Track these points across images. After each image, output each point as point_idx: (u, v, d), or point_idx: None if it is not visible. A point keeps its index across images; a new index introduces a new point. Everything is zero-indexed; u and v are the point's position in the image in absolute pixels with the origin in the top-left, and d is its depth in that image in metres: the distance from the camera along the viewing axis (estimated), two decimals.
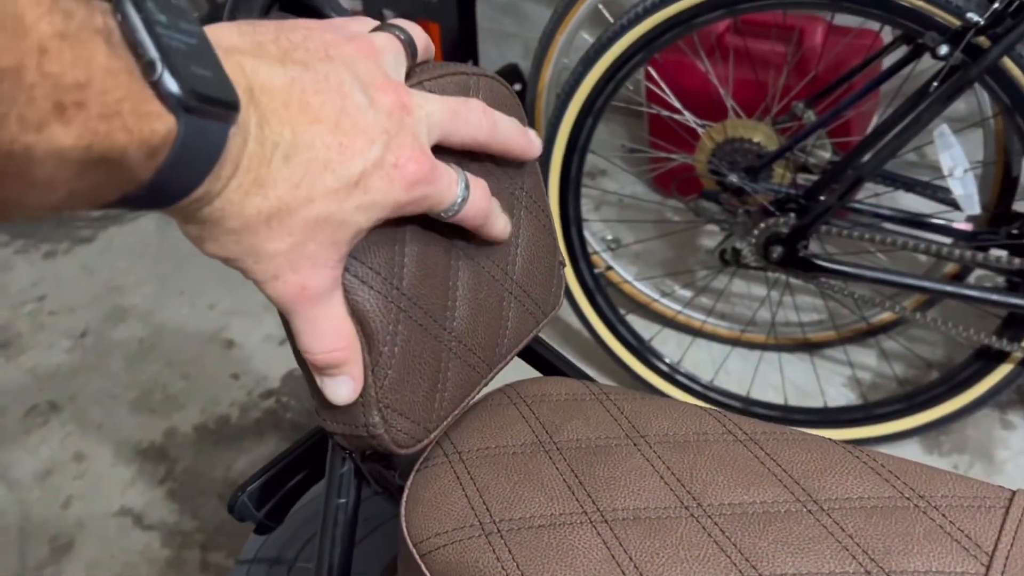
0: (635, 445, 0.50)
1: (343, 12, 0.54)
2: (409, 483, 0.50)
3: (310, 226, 0.37)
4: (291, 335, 0.42)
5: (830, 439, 0.50)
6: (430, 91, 0.45)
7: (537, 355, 0.64)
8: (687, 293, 1.61)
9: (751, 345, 1.51)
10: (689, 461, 0.49)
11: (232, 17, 0.47)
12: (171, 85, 0.30)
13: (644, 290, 1.56)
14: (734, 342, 1.52)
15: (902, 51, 1.20)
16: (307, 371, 0.45)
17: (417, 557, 0.47)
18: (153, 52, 0.29)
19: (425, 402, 0.48)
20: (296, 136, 0.35)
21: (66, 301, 1.86)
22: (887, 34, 1.41)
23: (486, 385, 0.53)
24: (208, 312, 1.79)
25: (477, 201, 0.44)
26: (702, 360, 1.51)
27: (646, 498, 0.47)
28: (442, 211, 0.43)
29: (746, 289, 1.62)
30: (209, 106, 0.31)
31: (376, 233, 0.43)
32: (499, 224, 0.48)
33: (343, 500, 0.50)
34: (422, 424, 0.48)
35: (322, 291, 0.40)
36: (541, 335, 0.60)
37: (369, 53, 0.40)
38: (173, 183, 0.32)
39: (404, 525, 0.48)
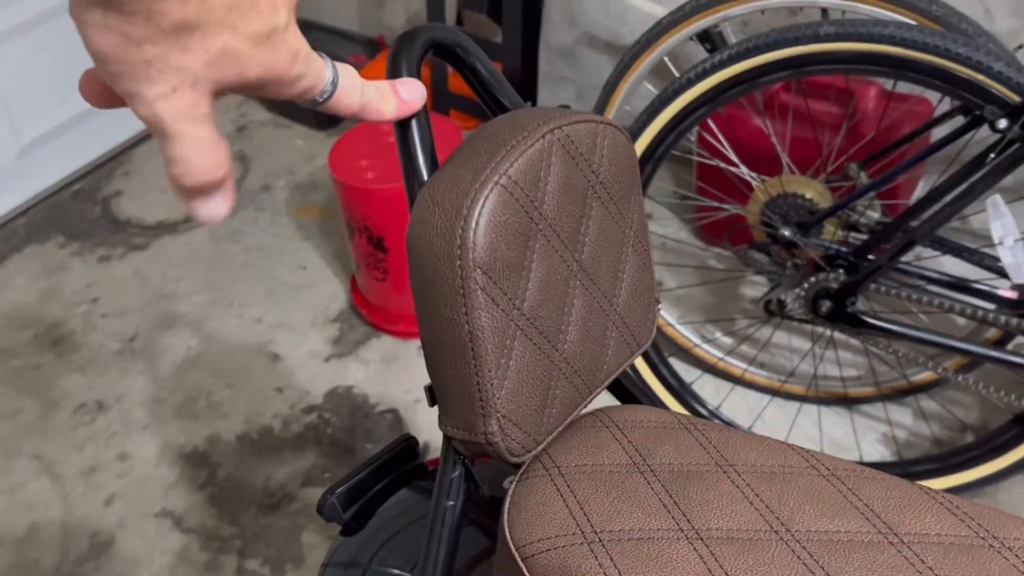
0: (724, 472, 0.54)
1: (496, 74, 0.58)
2: (511, 491, 0.54)
3: (219, 56, 0.38)
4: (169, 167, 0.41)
5: (908, 481, 0.53)
6: (567, 134, 0.50)
7: (622, 386, 0.68)
8: (728, 340, 1.64)
9: (790, 396, 1.54)
10: (776, 490, 0.52)
11: (394, 63, 0.52)
12: None
13: (686, 334, 1.59)
14: (773, 392, 1.55)
15: (959, 121, 1.25)
16: (437, 381, 0.49)
17: (519, 560, 0.50)
18: None
19: (536, 415, 0.52)
20: None
21: (118, 305, 1.92)
22: (941, 106, 1.46)
23: (584, 407, 0.57)
24: (255, 325, 1.84)
25: (347, 88, 0.47)
26: (740, 408, 1.54)
27: (738, 520, 0.50)
28: (316, 96, 0.46)
29: (787, 341, 1.65)
30: None
31: (509, 257, 0.48)
32: (383, 108, 0.50)
33: (452, 503, 0.54)
34: (532, 435, 0.52)
35: (206, 108, 0.40)
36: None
37: None
38: None
39: (507, 529, 0.52)
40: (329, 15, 2.49)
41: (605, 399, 0.68)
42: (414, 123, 0.50)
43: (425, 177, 0.51)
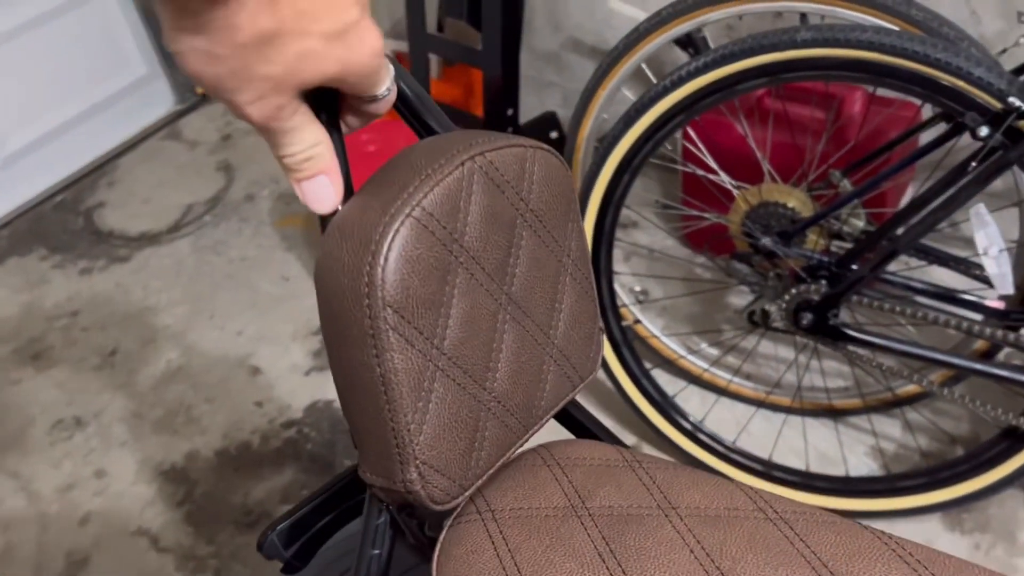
0: (666, 516, 0.51)
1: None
2: (442, 537, 0.51)
3: (299, 59, 0.42)
4: (276, 157, 0.47)
5: (860, 524, 0.50)
6: (490, 161, 0.47)
7: (571, 417, 0.65)
8: (714, 351, 1.61)
9: (775, 408, 1.51)
10: (719, 537, 0.49)
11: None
12: None
13: (671, 345, 1.56)
14: (758, 403, 1.51)
15: (942, 127, 1.21)
16: (353, 425, 0.46)
17: None
18: None
19: (462, 460, 0.49)
20: None
21: (99, 318, 1.89)
22: (927, 109, 1.43)
23: (521, 446, 0.54)
24: (236, 338, 1.81)
25: (395, 92, 0.49)
26: (725, 420, 1.51)
27: (675, 571, 0.47)
28: (375, 94, 0.48)
29: (773, 351, 1.62)
30: None
31: (425, 294, 0.45)
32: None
33: (377, 551, 0.51)
34: (458, 481, 0.49)
35: (295, 107, 0.45)
36: (576, 398, 0.61)
37: None
38: None
39: None
40: None
41: (557, 431, 0.65)
42: (332, 131, 0.48)
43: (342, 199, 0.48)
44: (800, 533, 0.49)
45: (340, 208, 0.48)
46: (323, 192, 0.47)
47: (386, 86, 0.48)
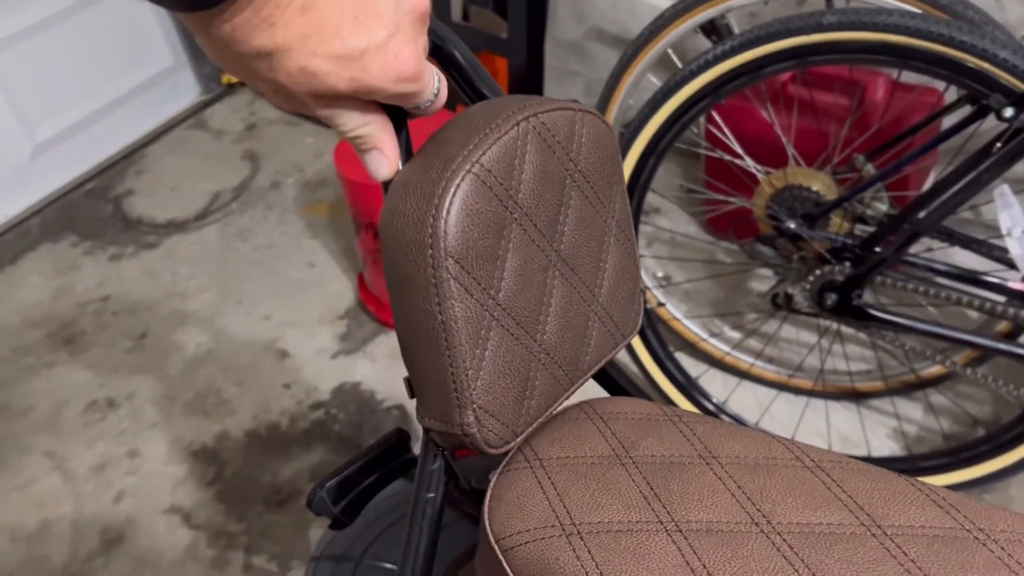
0: (707, 464, 0.53)
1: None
2: (492, 484, 0.54)
3: (303, 75, 0.42)
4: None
5: (894, 472, 0.52)
6: (543, 122, 0.50)
7: (608, 377, 0.67)
8: (736, 334, 1.63)
9: (797, 391, 1.52)
10: (759, 482, 0.51)
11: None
12: None
13: (693, 328, 1.58)
14: (781, 386, 1.53)
15: (966, 110, 1.23)
16: (413, 372, 0.49)
17: (499, 552, 0.50)
18: None
19: (514, 406, 0.51)
20: None
21: (129, 303, 1.93)
22: (950, 94, 1.44)
23: (567, 399, 0.57)
24: (264, 322, 1.84)
25: (443, 94, 0.49)
26: (747, 402, 1.53)
27: (718, 512, 0.50)
28: (417, 106, 0.48)
29: (795, 334, 1.64)
30: None
31: (483, 246, 0.47)
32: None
33: (432, 495, 0.53)
34: (510, 427, 0.51)
35: (325, 95, 0.44)
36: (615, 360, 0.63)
37: None
38: None
39: (487, 522, 0.51)
40: None
41: (594, 390, 0.67)
42: (390, 111, 0.50)
43: (399, 166, 0.50)
44: (837, 479, 0.52)
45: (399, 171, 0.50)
46: (376, 164, 0.49)
47: (425, 100, 0.47)
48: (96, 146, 2.31)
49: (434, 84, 0.47)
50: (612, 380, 0.67)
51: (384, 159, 0.49)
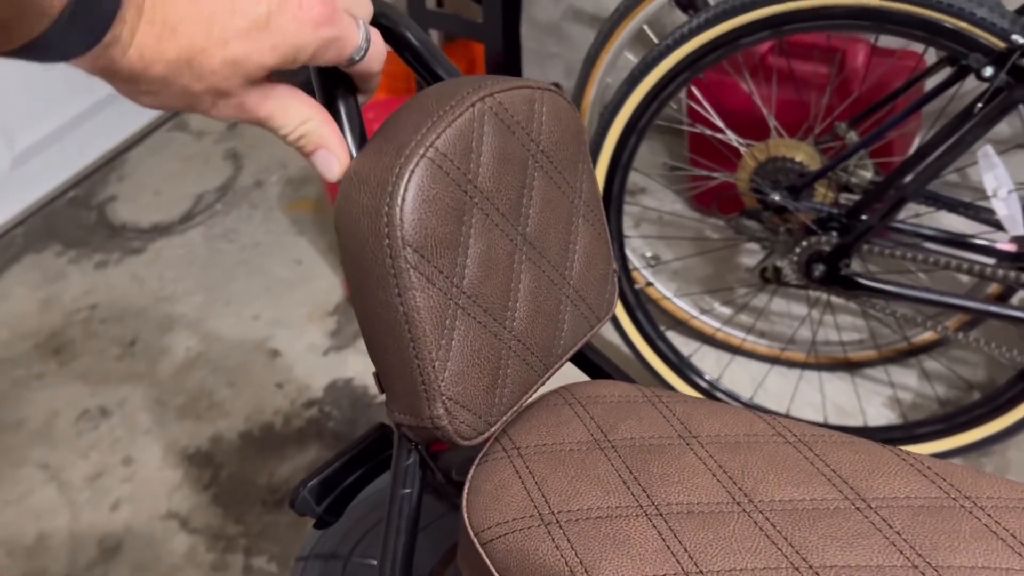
0: (687, 445, 0.52)
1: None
2: (470, 476, 0.53)
3: (229, 66, 0.40)
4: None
5: (878, 443, 0.51)
6: (500, 102, 0.48)
7: (588, 360, 0.66)
8: (727, 310, 1.62)
9: (791, 363, 1.51)
10: (740, 460, 0.50)
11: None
12: None
13: (684, 307, 1.57)
14: (773, 360, 1.52)
15: (946, 72, 1.21)
16: (379, 365, 0.48)
17: (478, 546, 0.49)
18: None
19: (486, 396, 0.50)
20: None
21: (117, 310, 1.91)
22: (930, 56, 1.42)
23: (542, 385, 0.55)
24: (253, 322, 1.83)
25: (379, 47, 0.48)
26: (741, 378, 1.52)
27: (699, 494, 0.49)
28: (349, 58, 0.46)
29: (786, 307, 1.63)
30: None
31: (442, 233, 0.46)
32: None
33: (408, 491, 0.52)
34: (483, 417, 0.50)
35: (260, 96, 0.43)
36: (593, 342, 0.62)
37: None
38: (81, 22, 0.35)
39: (466, 515, 0.50)
40: None
41: (575, 375, 0.66)
42: (339, 97, 0.49)
43: (354, 154, 0.49)
44: (819, 453, 0.51)
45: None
46: (325, 165, 0.48)
47: (356, 47, 0.45)
48: (77, 153, 2.29)
49: (360, 31, 0.45)
50: (592, 363, 0.66)
51: (333, 157, 0.47)
